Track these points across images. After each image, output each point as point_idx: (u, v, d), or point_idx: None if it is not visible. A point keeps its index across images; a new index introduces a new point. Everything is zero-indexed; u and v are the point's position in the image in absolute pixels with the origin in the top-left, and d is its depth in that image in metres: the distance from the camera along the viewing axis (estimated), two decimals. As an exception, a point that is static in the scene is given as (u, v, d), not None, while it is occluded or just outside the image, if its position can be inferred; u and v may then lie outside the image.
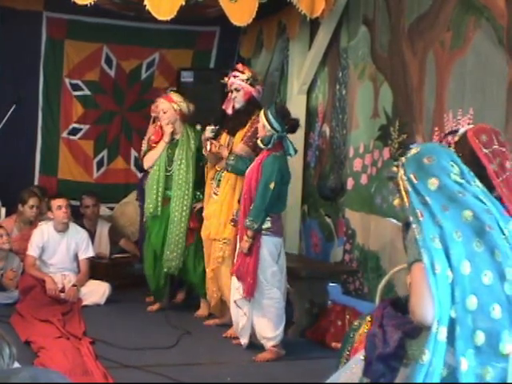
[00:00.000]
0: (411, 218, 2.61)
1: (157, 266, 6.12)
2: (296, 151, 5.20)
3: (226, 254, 5.54)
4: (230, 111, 5.72)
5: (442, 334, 2.46)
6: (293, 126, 5.09)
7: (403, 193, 2.68)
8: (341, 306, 5.53)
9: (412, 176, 2.66)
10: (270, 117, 5.03)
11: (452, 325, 2.47)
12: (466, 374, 2.46)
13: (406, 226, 2.68)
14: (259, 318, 5.07)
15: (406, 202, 2.66)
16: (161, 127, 6.19)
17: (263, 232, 5.02)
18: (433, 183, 2.62)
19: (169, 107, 6.09)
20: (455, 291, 2.48)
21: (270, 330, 5.06)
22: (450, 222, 2.54)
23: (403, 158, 2.76)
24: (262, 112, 5.13)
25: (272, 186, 4.96)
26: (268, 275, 5.03)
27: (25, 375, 1.69)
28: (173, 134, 6.10)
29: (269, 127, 5.01)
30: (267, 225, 5.03)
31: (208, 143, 5.65)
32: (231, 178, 5.58)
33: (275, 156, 5.05)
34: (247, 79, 5.62)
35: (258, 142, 5.11)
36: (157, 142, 6.16)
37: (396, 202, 2.88)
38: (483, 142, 3.00)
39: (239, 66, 5.80)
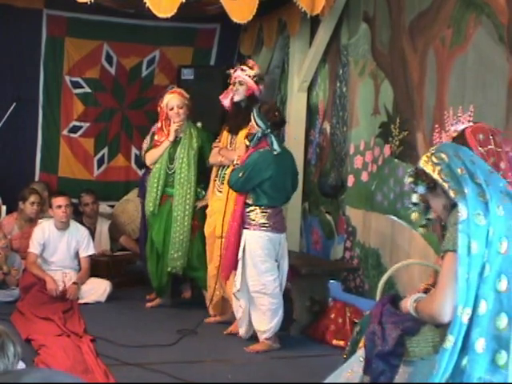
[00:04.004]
0: (456, 198, 2.63)
1: (159, 263, 6.09)
2: (282, 148, 5.19)
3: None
4: (226, 103, 5.69)
5: (466, 315, 2.51)
6: (275, 122, 5.16)
7: (441, 181, 2.68)
8: (341, 304, 5.52)
9: (452, 154, 2.69)
10: (255, 115, 5.15)
11: (476, 305, 2.53)
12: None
13: (453, 206, 2.69)
14: (253, 311, 5.15)
15: (446, 186, 2.66)
16: (164, 125, 6.07)
17: (258, 227, 5.07)
18: (472, 161, 2.69)
19: (184, 103, 6.01)
20: (486, 269, 2.53)
21: (262, 324, 5.14)
22: (494, 196, 2.60)
23: (427, 154, 2.78)
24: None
25: (240, 174, 5.09)
26: (261, 270, 5.06)
27: (37, 376, 1.70)
28: (177, 132, 6.02)
29: (255, 126, 5.16)
30: (262, 220, 5.09)
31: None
32: None
33: (258, 152, 5.14)
34: (254, 76, 5.63)
35: (245, 141, 5.27)
36: (161, 141, 6.07)
37: (413, 215, 2.91)
38: (480, 140, 3.04)
39: (249, 61, 5.79)
